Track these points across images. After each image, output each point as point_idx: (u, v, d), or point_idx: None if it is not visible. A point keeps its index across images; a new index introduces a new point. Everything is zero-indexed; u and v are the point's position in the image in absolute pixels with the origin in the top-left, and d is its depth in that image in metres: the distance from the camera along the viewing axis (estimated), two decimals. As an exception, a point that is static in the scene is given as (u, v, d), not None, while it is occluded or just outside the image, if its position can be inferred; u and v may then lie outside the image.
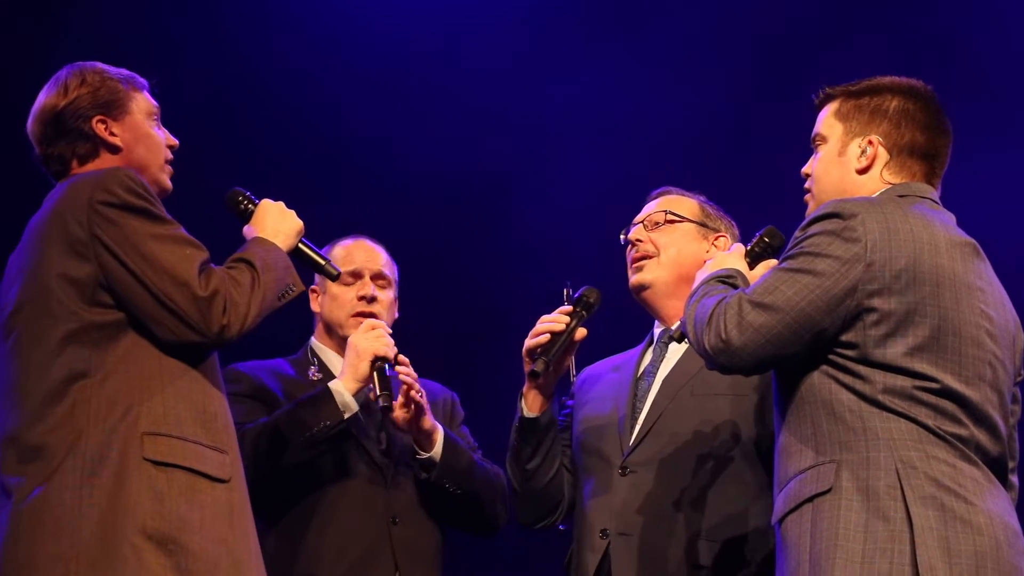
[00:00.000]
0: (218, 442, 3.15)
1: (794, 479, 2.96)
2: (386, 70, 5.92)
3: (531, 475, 3.72)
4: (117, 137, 3.29)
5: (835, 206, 2.99)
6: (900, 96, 3.17)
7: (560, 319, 3.61)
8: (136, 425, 3.06)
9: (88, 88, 3.29)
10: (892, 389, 2.91)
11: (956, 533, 2.83)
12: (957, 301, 2.96)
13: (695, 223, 3.77)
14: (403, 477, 3.88)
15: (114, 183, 3.12)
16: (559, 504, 3.77)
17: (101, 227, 3.10)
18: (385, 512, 3.82)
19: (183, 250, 3.12)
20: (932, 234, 2.99)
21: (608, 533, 3.56)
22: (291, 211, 3.41)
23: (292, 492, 3.79)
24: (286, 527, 3.77)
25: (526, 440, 3.70)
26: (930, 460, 2.88)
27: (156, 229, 3.12)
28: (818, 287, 2.92)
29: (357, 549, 3.77)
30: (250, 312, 3.13)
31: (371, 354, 3.75)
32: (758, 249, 3.36)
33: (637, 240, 3.76)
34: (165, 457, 3.06)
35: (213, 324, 3.09)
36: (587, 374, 3.89)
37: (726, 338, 2.95)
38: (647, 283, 3.72)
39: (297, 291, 3.26)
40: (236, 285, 3.13)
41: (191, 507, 3.05)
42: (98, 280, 3.10)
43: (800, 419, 2.98)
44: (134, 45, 5.54)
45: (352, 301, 3.97)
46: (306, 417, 3.70)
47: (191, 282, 3.08)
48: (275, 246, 3.29)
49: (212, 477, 3.10)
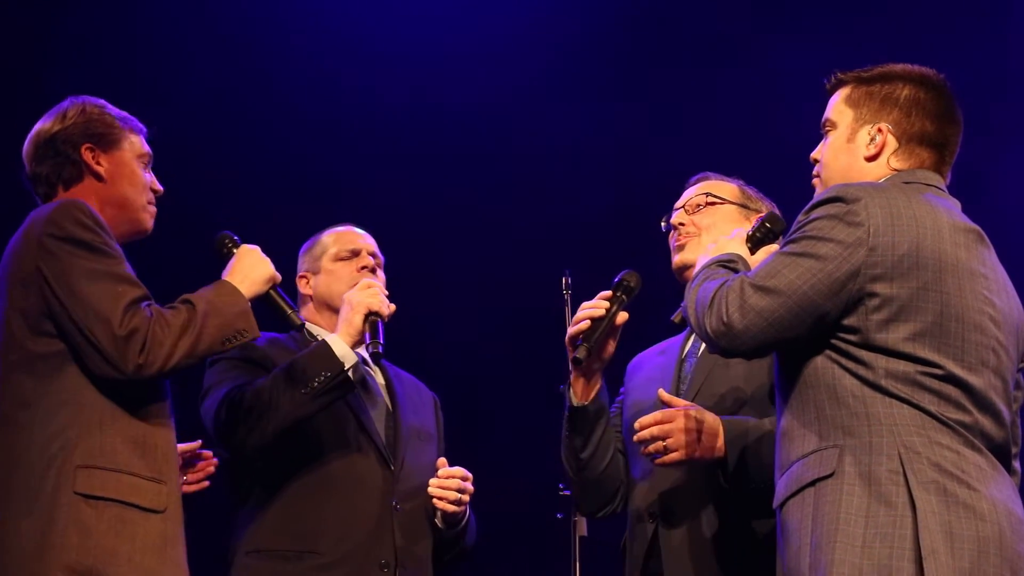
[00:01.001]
0: (156, 472, 3.22)
1: (796, 463, 2.96)
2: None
3: (585, 464, 3.70)
4: (103, 167, 3.40)
5: (838, 190, 2.99)
6: (912, 84, 3.16)
7: (600, 304, 3.60)
8: (71, 459, 3.15)
9: (85, 118, 3.41)
10: (895, 374, 2.91)
11: (959, 519, 2.83)
12: (960, 287, 2.96)
13: (736, 204, 3.77)
14: (407, 465, 3.90)
15: (63, 216, 3.22)
16: (618, 490, 3.75)
17: (43, 259, 3.20)
18: (388, 496, 3.84)
19: (114, 287, 3.20)
20: (935, 220, 2.98)
21: (655, 516, 3.56)
22: (266, 259, 3.49)
23: (296, 463, 3.79)
24: (288, 500, 3.77)
25: (577, 430, 3.68)
26: (933, 446, 2.88)
27: (93, 264, 3.20)
28: (820, 271, 2.92)
29: (359, 529, 3.78)
30: (176, 352, 3.19)
31: (365, 307, 3.76)
32: (759, 234, 3.37)
33: (679, 224, 3.77)
34: (96, 491, 3.14)
35: (128, 362, 3.16)
36: (637, 360, 3.90)
37: (728, 321, 2.96)
38: (690, 262, 3.66)
39: (249, 336, 3.32)
40: (164, 326, 3.20)
41: (119, 540, 3.13)
42: (42, 310, 3.20)
43: (803, 403, 2.98)
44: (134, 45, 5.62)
45: (352, 275, 4.01)
46: (306, 370, 3.69)
47: (112, 319, 3.15)
48: (235, 291, 3.36)
49: (145, 508, 3.18)
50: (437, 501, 3.84)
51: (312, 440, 3.79)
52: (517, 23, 6.04)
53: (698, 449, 3.42)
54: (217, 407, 3.72)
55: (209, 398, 3.78)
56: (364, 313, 3.76)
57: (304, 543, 3.74)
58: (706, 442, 3.42)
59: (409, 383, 4.13)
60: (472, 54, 6.02)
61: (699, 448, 3.42)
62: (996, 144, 5.53)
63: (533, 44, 6.04)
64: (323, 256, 4.09)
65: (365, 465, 3.84)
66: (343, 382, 3.72)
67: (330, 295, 4.03)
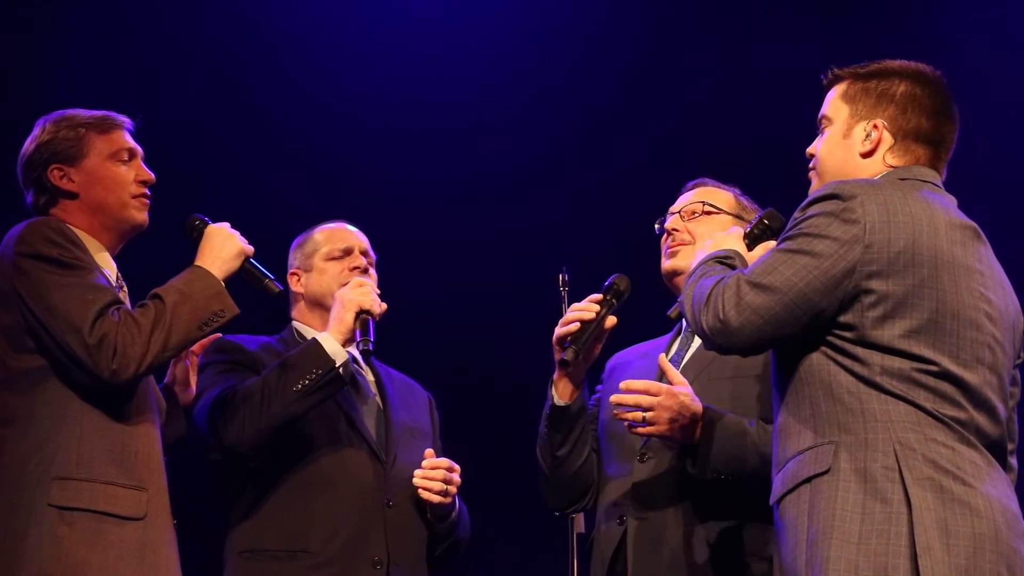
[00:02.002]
0: (136, 480, 3.27)
1: (792, 460, 2.96)
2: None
3: (561, 462, 3.72)
4: (74, 183, 3.44)
5: (834, 187, 2.99)
6: (908, 81, 3.16)
7: (590, 307, 3.61)
8: (48, 472, 3.19)
9: (47, 136, 3.45)
10: (890, 371, 2.91)
11: (955, 515, 2.83)
12: (956, 284, 2.96)
13: (731, 215, 3.79)
14: (399, 462, 3.89)
15: (31, 234, 3.28)
16: (588, 489, 3.77)
17: (17, 278, 3.25)
18: (380, 494, 3.83)
19: (83, 297, 3.24)
20: (932, 216, 2.98)
21: (625, 518, 3.58)
22: (235, 234, 3.52)
23: (287, 463, 3.78)
24: (280, 500, 3.76)
25: (556, 428, 3.70)
26: (929, 442, 2.88)
27: (62, 278, 3.25)
28: (816, 268, 2.92)
29: (351, 527, 3.77)
30: (149, 351, 3.24)
31: (356, 305, 3.75)
32: (757, 231, 3.38)
33: (674, 229, 3.78)
34: (70, 502, 3.18)
35: (103, 369, 3.21)
36: (616, 361, 3.91)
37: (724, 318, 2.95)
38: (681, 269, 3.71)
39: (228, 315, 3.37)
40: (133, 326, 3.23)
41: (92, 550, 3.16)
42: (22, 327, 3.24)
43: (799, 400, 2.98)
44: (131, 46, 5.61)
45: (344, 273, 4.00)
46: (297, 368, 3.68)
47: (83, 329, 3.20)
48: (206, 273, 3.40)
49: (122, 517, 3.21)
50: (422, 492, 3.83)
51: (303, 439, 3.79)
52: (511, 17, 6.04)
53: (677, 432, 3.44)
54: (210, 408, 3.72)
55: (201, 401, 3.78)
56: (355, 311, 3.75)
57: (296, 542, 3.73)
58: (686, 426, 3.44)
59: (400, 382, 4.12)
60: (464, 50, 6.01)
61: (678, 431, 3.44)
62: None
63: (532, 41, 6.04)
64: (315, 254, 4.07)
65: (356, 463, 3.83)
66: (334, 379, 3.71)
67: (322, 294, 4.01)
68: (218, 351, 3.87)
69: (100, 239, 3.45)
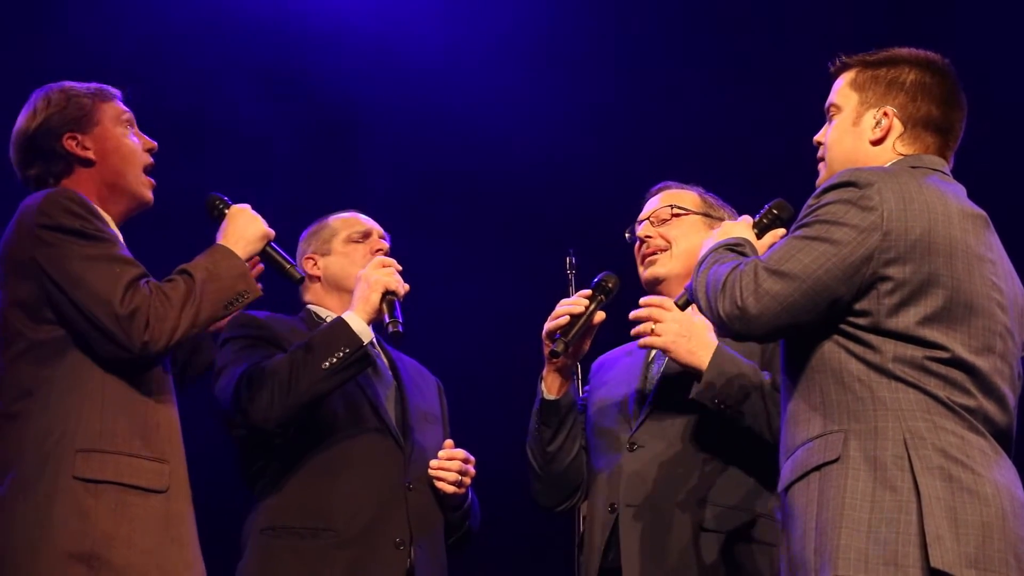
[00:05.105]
0: (159, 452, 3.25)
1: (801, 447, 2.95)
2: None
3: (552, 457, 3.75)
4: (89, 150, 3.40)
5: (851, 175, 2.98)
6: (917, 68, 3.16)
7: (579, 302, 3.65)
8: (72, 443, 3.17)
9: (55, 107, 3.40)
10: (902, 358, 2.91)
11: (963, 504, 2.83)
12: (969, 272, 2.96)
13: (700, 214, 3.82)
14: (417, 446, 3.89)
15: (51, 206, 3.24)
16: (579, 486, 3.79)
17: (38, 249, 3.21)
18: (401, 476, 3.82)
19: (111, 269, 3.22)
20: (945, 205, 2.98)
21: (616, 507, 3.60)
22: (258, 217, 3.50)
23: (310, 441, 3.77)
24: (304, 478, 3.75)
25: (547, 422, 3.73)
26: (938, 431, 2.88)
27: (87, 249, 3.22)
28: (835, 255, 2.91)
29: (374, 507, 3.76)
30: (180, 325, 3.22)
31: (382, 286, 3.74)
32: (767, 221, 3.38)
33: (647, 236, 3.81)
34: (95, 474, 3.17)
35: (135, 341, 3.18)
36: (602, 360, 3.93)
37: (742, 305, 2.94)
38: (661, 276, 3.76)
39: (251, 296, 3.36)
40: (164, 300, 3.22)
41: (118, 522, 3.15)
42: (41, 299, 3.21)
43: (809, 388, 2.98)
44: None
45: (366, 256, 3.99)
46: (325, 346, 3.67)
47: (113, 300, 3.17)
48: (231, 253, 3.38)
49: (146, 489, 3.20)
50: (437, 482, 3.84)
51: (326, 418, 3.78)
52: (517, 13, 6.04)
53: (681, 349, 3.49)
54: (236, 384, 3.69)
55: (224, 376, 3.75)
56: (381, 291, 3.73)
57: (320, 520, 3.73)
58: (693, 348, 3.49)
59: (411, 366, 4.11)
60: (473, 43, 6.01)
61: (682, 349, 3.49)
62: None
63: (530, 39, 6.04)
64: (333, 239, 4.06)
65: (378, 444, 3.83)
66: (362, 358, 3.70)
67: (344, 276, 4.00)
68: (240, 326, 3.85)
69: (109, 211, 3.41)
